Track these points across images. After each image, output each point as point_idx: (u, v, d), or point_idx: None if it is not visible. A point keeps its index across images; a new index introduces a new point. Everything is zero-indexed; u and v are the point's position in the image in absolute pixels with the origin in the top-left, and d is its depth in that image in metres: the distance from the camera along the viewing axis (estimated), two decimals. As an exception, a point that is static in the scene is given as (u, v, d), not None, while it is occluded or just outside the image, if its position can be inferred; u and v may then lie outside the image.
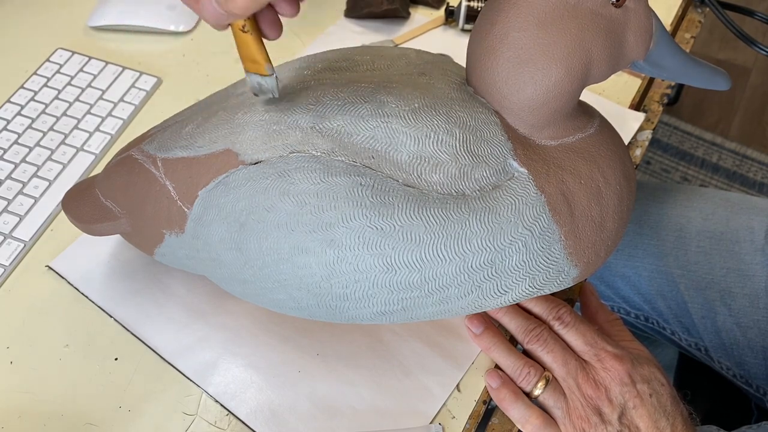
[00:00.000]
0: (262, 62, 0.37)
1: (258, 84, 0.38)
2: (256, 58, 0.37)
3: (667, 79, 0.43)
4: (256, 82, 0.38)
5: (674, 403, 0.45)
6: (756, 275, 0.62)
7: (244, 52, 0.37)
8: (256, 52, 0.37)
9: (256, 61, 0.37)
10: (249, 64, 0.37)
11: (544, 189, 0.39)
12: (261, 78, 0.38)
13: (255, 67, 0.37)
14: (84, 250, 0.53)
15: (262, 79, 0.38)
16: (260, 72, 0.37)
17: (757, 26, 1.61)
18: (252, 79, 0.38)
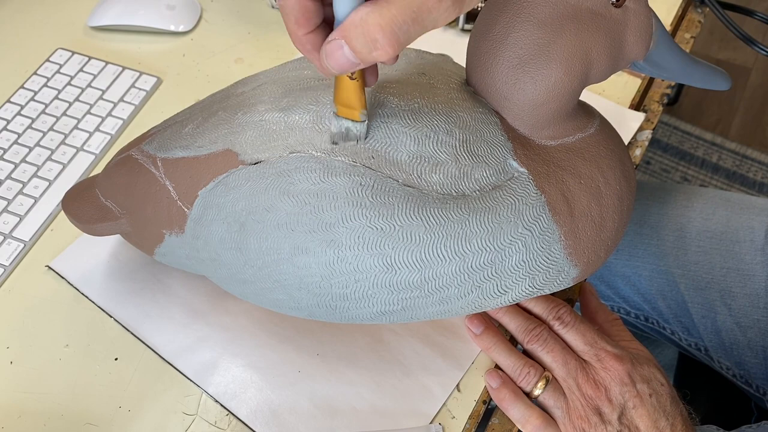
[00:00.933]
0: (359, 108, 0.36)
1: (346, 129, 0.37)
2: (354, 104, 0.36)
3: (667, 79, 0.43)
4: (345, 127, 0.36)
5: (674, 403, 0.45)
6: (756, 275, 0.62)
7: (343, 97, 0.35)
8: (357, 98, 0.35)
9: (353, 107, 0.36)
10: (343, 109, 0.36)
11: (544, 189, 0.39)
12: (351, 123, 0.36)
13: (348, 112, 0.36)
14: (84, 250, 0.53)
15: (353, 125, 0.36)
16: (353, 117, 0.36)
17: (757, 26, 1.61)
18: (341, 123, 0.37)
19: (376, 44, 0.29)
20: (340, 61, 0.30)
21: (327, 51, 0.30)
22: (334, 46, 0.30)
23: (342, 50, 0.30)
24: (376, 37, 0.29)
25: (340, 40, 0.30)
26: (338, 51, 0.30)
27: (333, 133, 0.37)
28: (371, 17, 0.28)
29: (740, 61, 1.72)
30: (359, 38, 0.29)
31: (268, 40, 0.70)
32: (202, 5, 0.72)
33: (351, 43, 0.29)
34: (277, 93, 0.42)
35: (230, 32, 0.70)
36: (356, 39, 0.29)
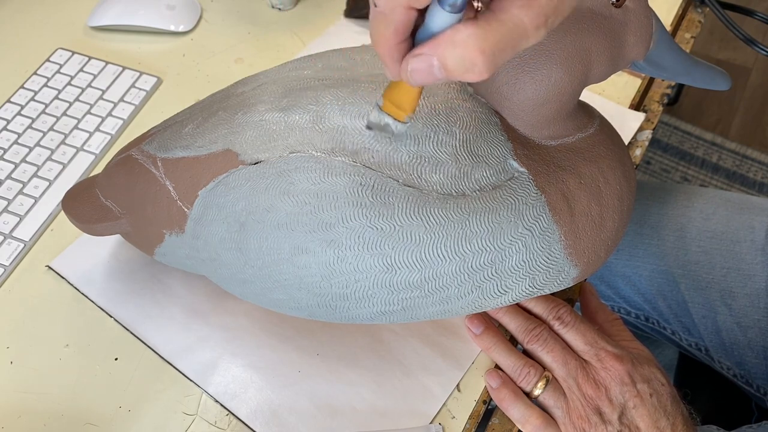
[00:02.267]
0: (409, 112, 0.35)
1: (385, 124, 0.35)
2: (406, 107, 0.35)
3: (667, 79, 0.43)
4: (384, 122, 0.35)
5: (674, 403, 0.45)
6: (756, 275, 0.62)
7: (397, 97, 0.34)
8: (411, 103, 0.35)
9: (404, 109, 0.35)
10: (390, 106, 0.35)
11: (544, 189, 0.39)
12: (393, 122, 0.35)
13: (395, 111, 0.35)
14: (84, 250, 0.53)
15: (394, 124, 0.35)
16: (398, 118, 0.35)
17: (757, 26, 1.61)
18: (381, 117, 0.35)
19: (474, 67, 0.28)
20: (425, 74, 0.30)
21: (414, 64, 0.29)
22: (424, 61, 0.29)
23: (432, 66, 0.29)
24: (475, 61, 0.28)
25: (433, 56, 0.29)
26: (427, 66, 0.29)
27: (371, 121, 0.36)
28: (473, 40, 0.28)
29: (740, 61, 1.72)
30: (456, 59, 0.28)
31: (268, 40, 0.70)
32: (202, 5, 0.72)
33: (445, 61, 0.29)
34: (277, 93, 0.42)
35: (230, 32, 0.70)
36: (452, 58, 0.28)
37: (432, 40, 0.29)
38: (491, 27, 0.28)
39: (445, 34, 0.28)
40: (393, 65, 0.30)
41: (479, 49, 0.28)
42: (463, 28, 0.28)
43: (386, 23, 0.29)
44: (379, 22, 0.29)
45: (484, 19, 0.28)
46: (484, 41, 0.27)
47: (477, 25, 0.28)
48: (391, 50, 0.30)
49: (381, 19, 0.29)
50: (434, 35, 0.29)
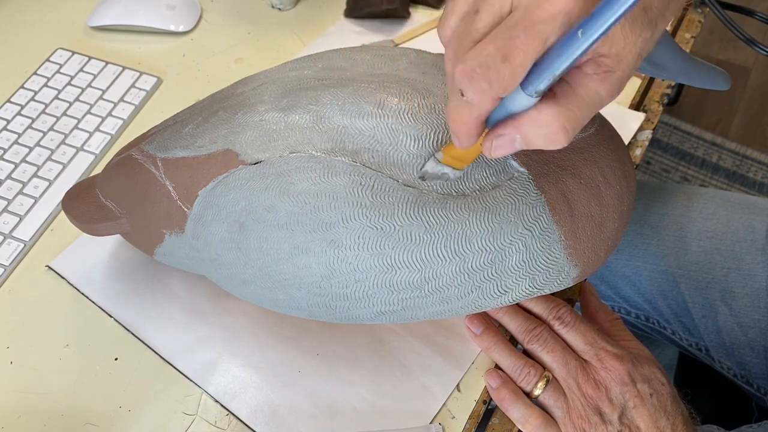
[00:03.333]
0: (468, 164, 0.37)
1: (441, 173, 0.37)
2: (467, 160, 0.37)
3: (667, 79, 0.43)
4: (441, 172, 0.37)
5: (674, 403, 0.45)
6: (757, 275, 0.62)
7: (458, 153, 0.36)
8: (473, 157, 0.37)
9: (464, 161, 0.37)
10: (449, 159, 0.37)
11: (544, 189, 0.39)
12: (451, 170, 0.37)
13: (454, 163, 0.37)
14: (84, 250, 0.53)
15: (451, 171, 0.37)
16: (456, 167, 0.37)
17: (757, 26, 1.61)
18: (439, 168, 0.37)
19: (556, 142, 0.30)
20: (506, 150, 0.31)
21: (498, 144, 0.31)
22: (507, 141, 0.31)
23: (514, 142, 0.31)
24: (557, 138, 0.30)
25: (515, 134, 0.30)
26: (509, 143, 0.31)
27: (427, 172, 0.37)
28: (557, 120, 0.29)
29: (740, 61, 1.72)
30: (539, 137, 0.30)
31: (268, 40, 0.70)
32: (202, 5, 0.72)
33: (528, 139, 0.30)
34: (277, 93, 0.42)
35: (230, 32, 0.70)
36: (535, 137, 0.30)
37: (514, 120, 0.30)
38: (572, 105, 0.29)
39: (528, 114, 0.30)
40: (467, 141, 0.32)
41: (562, 127, 0.29)
42: (545, 109, 0.29)
43: (471, 110, 0.30)
44: (464, 108, 0.30)
45: (564, 97, 0.29)
46: (567, 120, 0.29)
47: (558, 104, 0.29)
48: (470, 130, 0.31)
49: (466, 107, 0.30)
50: (513, 114, 0.30)
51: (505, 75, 0.27)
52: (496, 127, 0.31)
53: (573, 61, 0.27)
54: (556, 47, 0.27)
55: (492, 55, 0.27)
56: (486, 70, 0.27)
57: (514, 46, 0.27)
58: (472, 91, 0.28)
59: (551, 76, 0.28)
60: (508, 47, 0.27)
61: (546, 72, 0.28)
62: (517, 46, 0.27)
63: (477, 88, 0.28)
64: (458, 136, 0.32)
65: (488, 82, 0.27)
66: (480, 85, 0.28)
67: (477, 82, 0.28)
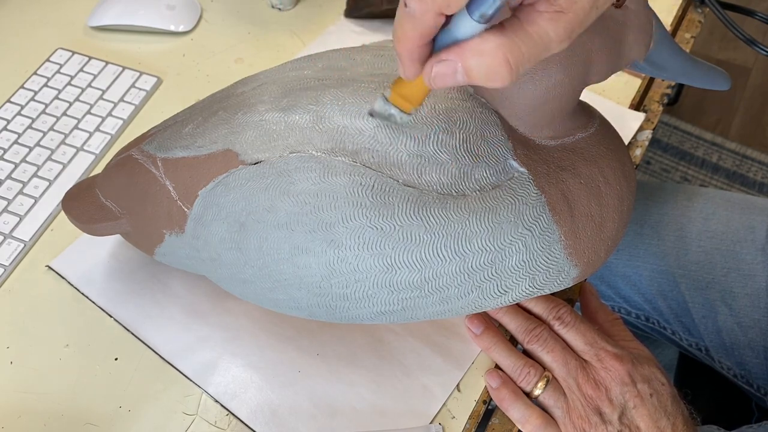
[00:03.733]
0: (416, 105, 0.35)
1: (389, 114, 0.36)
2: (413, 100, 0.35)
3: (667, 79, 0.43)
4: (389, 112, 0.36)
5: (675, 403, 0.45)
6: (757, 275, 0.62)
7: (406, 91, 0.35)
8: (420, 96, 0.35)
9: (411, 102, 0.35)
10: (397, 98, 0.35)
11: (544, 189, 0.39)
12: (398, 112, 0.35)
13: (401, 102, 0.35)
14: (84, 250, 0.53)
15: (399, 114, 0.35)
16: (403, 108, 0.35)
17: (757, 26, 1.61)
18: (387, 107, 0.35)
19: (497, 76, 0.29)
20: (447, 79, 0.30)
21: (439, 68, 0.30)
22: (448, 67, 0.29)
23: (456, 71, 0.29)
24: (499, 71, 0.28)
25: (457, 62, 0.29)
26: (451, 71, 0.29)
27: (374, 110, 0.36)
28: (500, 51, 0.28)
29: (740, 61, 1.72)
30: (481, 67, 0.28)
31: (268, 40, 0.70)
32: (202, 5, 0.72)
33: (470, 68, 0.29)
34: (277, 93, 0.42)
35: (230, 32, 0.70)
36: (477, 67, 0.29)
37: (457, 46, 0.29)
38: (518, 38, 0.28)
39: (472, 41, 0.28)
40: (411, 65, 0.30)
41: (505, 60, 0.28)
42: (490, 38, 0.28)
43: (413, 25, 0.29)
44: (406, 22, 0.29)
45: (512, 29, 0.28)
46: (510, 52, 0.28)
47: (504, 35, 0.28)
48: (412, 51, 0.30)
49: (408, 20, 0.29)
50: (458, 41, 0.29)
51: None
52: (439, 52, 0.29)
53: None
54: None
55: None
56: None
57: None
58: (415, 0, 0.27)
59: None
60: None
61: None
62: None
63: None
64: (401, 58, 0.31)
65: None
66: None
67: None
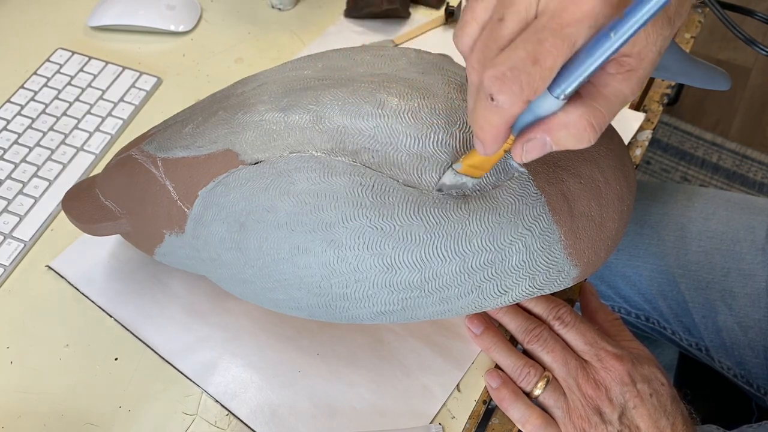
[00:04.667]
0: (486, 171, 0.37)
1: (461, 183, 0.38)
2: (485, 168, 0.37)
3: (667, 79, 0.43)
4: (461, 182, 0.38)
5: (674, 403, 0.45)
6: (757, 275, 0.62)
7: (478, 162, 0.36)
8: (492, 164, 0.37)
9: (483, 169, 0.37)
10: (468, 168, 0.37)
11: (544, 189, 0.39)
12: (468, 179, 0.37)
13: (473, 172, 0.37)
14: (84, 250, 0.53)
15: (469, 181, 0.37)
16: (474, 176, 0.37)
17: (757, 26, 1.61)
18: (457, 178, 0.37)
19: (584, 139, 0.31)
20: (536, 153, 0.32)
21: (529, 147, 0.32)
22: (538, 144, 0.32)
23: (545, 145, 0.31)
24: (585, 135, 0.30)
25: (545, 137, 0.31)
26: (540, 146, 0.32)
27: (445, 184, 0.37)
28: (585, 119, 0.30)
29: (740, 61, 1.72)
30: (569, 137, 0.31)
31: (268, 40, 0.70)
32: (202, 5, 0.72)
33: (558, 139, 0.31)
34: (277, 93, 0.42)
35: (230, 32, 0.70)
36: (565, 138, 0.31)
37: (543, 123, 0.31)
38: (597, 103, 0.30)
39: (557, 117, 0.30)
40: (495, 148, 0.32)
41: (589, 125, 0.30)
42: (572, 110, 0.30)
43: (500, 116, 0.30)
44: (492, 114, 0.30)
45: (590, 97, 0.30)
46: (594, 117, 0.30)
47: (584, 105, 0.30)
48: (497, 137, 0.32)
49: (495, 112, 0.30)
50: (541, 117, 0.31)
51: (536, 78, 0.28)
52: (524, 132, 0.32)
53: (603, 61, 0.28)
54: (586, 49, 0.28)
55: (522, 58, 0.28)
56: (517, 73, 0.28)
57: (543, 50, 0.27)
58: (503, 94, 0.29)
59: (581, 77, 0.28)
60: (537, 51, 0.27)
61: (575, 73, 0.28)
62: (547, 49, 0.27)
63: (508, 91, 0.28)
64: (485, 143, 0.32)
65: (519, 85, 0.28)
66: (511, 89, 0.28)
67: (509, 85, 0.28)
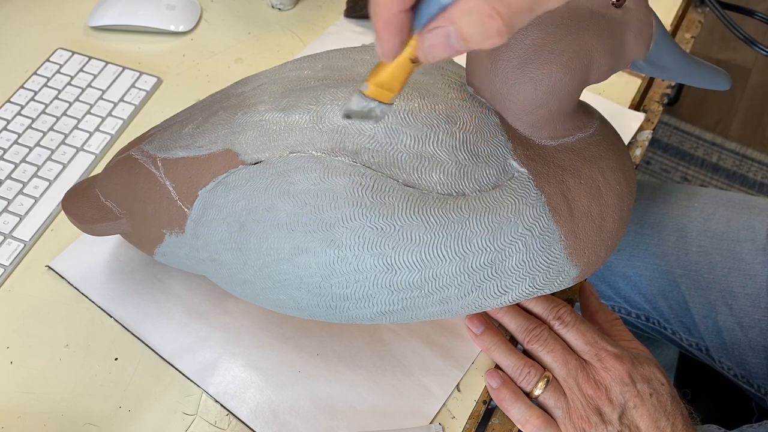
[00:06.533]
0: (397, 91, 0.33)
1: (369, 110, 0.34)
2: (395, 86, 0.33)
3: (667, 79, 0.43)
4: (368, 108, 0.34)
5: (674, 403, 0.45)
6: (757, 275, 0.62)
7: (386, 78, 0.33)
8: (401, 82, 0.33)
9: (392, 89, 0.33)
10: (375, 90, 0.33)
11: (544, 189, 0.39)
12: (378, 105, 0.33)
13: (381, 93, 0.33)
14: (84, 250, 0.53)
15: (379, 106, 0.33)
16: (384, 99, 0.33)
17: (757, 26, 1.60)
18: (365, 102, 0.34)
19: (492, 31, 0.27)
20: (443, 48, 0.28)
21: (430, 39, 0.28)
22: (440, 34, 0.28)
23: (449, 39, 0.28)
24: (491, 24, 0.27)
25: (449, 27, 0.27)
26: (444, 39, 0.28)
27: (351, 110, 0.34)
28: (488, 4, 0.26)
29: (740, 61, 1.72)
30: (473, 25, 0.27)
31: (268, 40, 0.70)
32: (202, 5, 0.72)
33: (462, 29, 0.27)
34: (277, 93, 0.42)
35: (230, 32, 0.70)
36: (469, 26, 0.27)
37: (445, 11, 0.27)
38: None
39: (458, 3, 0.27)
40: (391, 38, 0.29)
41: (495, 12, 0.26)
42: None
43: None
44: None
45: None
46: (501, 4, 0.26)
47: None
48: (390, 21, 0.28)
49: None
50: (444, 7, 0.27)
51: None
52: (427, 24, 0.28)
53: None
54: None
55: None
56: None
57: None
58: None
59: None
60: None
61: None
62: None
63: None
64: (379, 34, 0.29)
65: None
66: None
67: None
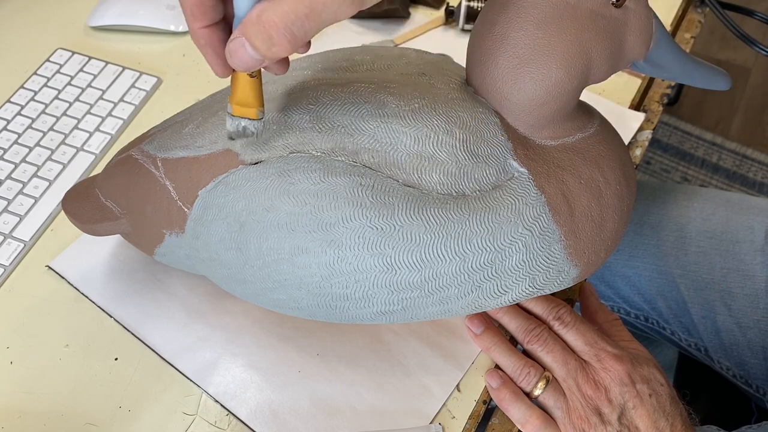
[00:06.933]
0: (257, 107, 0.36)
1: (242, 128, 0.36)
2: (251, 102, 0.36)
3: (667, 79, 0.43)
4: (241, 127, 0.36)
5: (673, 403, 0.45)
6: (756, 275, 0.62)
7: (240, 96, 0.35)
8: (255, 96, 0.35)
9: (250, 105, 0.35)
10: (238, 108, 0.36)
11: (544, 189, 0.39)
12: (249, 122, 0.36)
13: (245, 111, 0.36)
14: (84, 250, 0.53)
15: (250, 123, 0.36)
16: (249, 116, 0.36)
17: (757, 26, 1.60)
18: (236, 123, 0.36)
19: (273, 40, 0.29)
20: (243, 59, 0.31)
21: (231, 49, 0.31)
22: (237, 45, 0.30)
23: (244, 48, 0.30)
24: (271, 34, 0.29)
25: (242, 38, 0.30)
26: (241, 49, 0.30)
27: (229, 131, 0.37)
28: (266, 14, 0.29)
29: (740, 61, 1.72)
30: (258, 35, 0.29)
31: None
32: (202, 5, 0.72)
33: (251, 40, 0.30)
34: (276, 93, 0.42)
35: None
36: (255, 36, 0.30)
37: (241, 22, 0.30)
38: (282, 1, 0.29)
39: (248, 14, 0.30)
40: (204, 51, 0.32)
41: (273, 23, 0.29)
42: (259, 6, 0.29)
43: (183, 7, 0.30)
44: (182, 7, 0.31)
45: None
46: (275, 14, 0.29)
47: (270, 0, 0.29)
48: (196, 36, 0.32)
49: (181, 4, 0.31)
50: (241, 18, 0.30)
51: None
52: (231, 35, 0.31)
53: None
54: None
55: None
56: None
57: None
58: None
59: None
60: None
61: None
62: None
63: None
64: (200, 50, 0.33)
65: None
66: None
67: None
